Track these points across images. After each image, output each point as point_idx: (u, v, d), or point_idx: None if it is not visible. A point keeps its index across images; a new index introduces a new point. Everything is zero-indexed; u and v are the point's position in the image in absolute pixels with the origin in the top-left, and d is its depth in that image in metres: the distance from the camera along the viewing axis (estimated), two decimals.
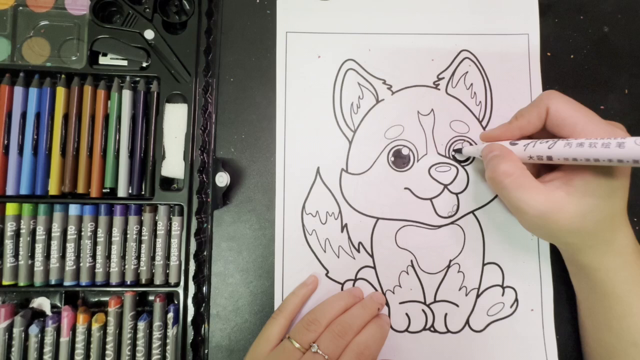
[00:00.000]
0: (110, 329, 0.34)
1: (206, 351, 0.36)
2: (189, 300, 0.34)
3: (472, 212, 0.37)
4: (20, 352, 0.33)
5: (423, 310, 0.36)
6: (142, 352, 0.34)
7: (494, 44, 0.39)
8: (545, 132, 0.30)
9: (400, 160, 0.38)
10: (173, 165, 0.35)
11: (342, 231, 0.37)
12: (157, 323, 0.34)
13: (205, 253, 0.37)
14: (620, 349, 0.31)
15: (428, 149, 0.38)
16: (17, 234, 0.34)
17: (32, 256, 0.34)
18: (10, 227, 0.34)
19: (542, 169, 0.33)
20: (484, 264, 0.37)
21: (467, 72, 0.39)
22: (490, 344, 0.36)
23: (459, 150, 0.37)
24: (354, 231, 0.37)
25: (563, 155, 0.27)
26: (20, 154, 0.34)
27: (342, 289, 0.37)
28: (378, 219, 0.37)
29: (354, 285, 0.37)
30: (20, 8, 0.36)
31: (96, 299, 0.36)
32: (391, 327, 0.36)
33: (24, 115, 0.34)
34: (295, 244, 0.37)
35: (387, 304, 0.36)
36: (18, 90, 0.34)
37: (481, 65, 0.39)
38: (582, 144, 0.26)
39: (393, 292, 0.37)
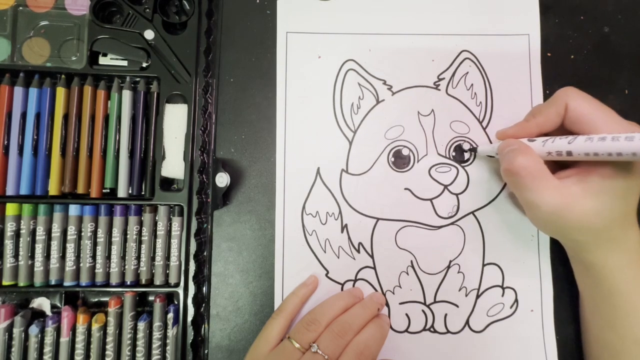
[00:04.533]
0: (110, 329, 0.34)
1: (206, 351, 0.36)
2: (189, 301, 0.34)
3: (472, 212, 0.37)
4: (20, 352, 0.33)
5: (423, 311, 0.36)
6: (142, 353, 0.34)
7: (495, 45, 0.39)
8: (562, 130, 0.30)
9: (400, 160, 0.38)
10: (173, 165, 0.35)
11: (342, 231, 0.37)
12: (157, 323, 0.34)
13: (205, 253, 0.37)
14: (624, 347, 0.31)
15: (428, 150, 0.38)
16: (17, 234, 0.34)
17: (32, 256, 0.34)
18: (10, 227, 0.34)
19: (556, 167, 0.32)
20: (484, 265, 0.37)
21: (467, 73, 0.39)
22: (490, 344, 0.36)
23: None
24: (354, 231, 0.37)
25: (584, 150, 0.26)
26: (20, 154, 0.34)
27: (342, 289, 0.37)
28: (378, 219, 0.37)
29: (354, 285, 0.37)
30: (20, 8, 0.36)
31: (96, 299, 0.36)
32: (391, 327, 0.36)
33: (24, 116, 0.34)
34: (295, 244, 0.37)
35: (387, 305, 0.36)
36: (18, 91, 0.34)
37: (481, 65, 0.39)
38: (604, 138, 0.25)
39: (393, 293, 0.37)
